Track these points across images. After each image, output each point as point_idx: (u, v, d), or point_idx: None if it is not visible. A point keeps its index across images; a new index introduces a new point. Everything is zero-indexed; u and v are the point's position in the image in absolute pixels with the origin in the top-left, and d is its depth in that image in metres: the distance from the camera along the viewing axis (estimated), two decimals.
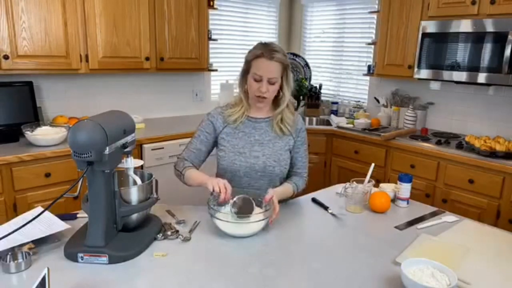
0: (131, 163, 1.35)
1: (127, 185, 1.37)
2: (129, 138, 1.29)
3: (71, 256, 1.19)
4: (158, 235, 1.33)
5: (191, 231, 1.39)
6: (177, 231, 1.37)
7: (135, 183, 1.34)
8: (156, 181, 1.39)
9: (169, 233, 1.34)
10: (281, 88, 1.62)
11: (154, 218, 1.43)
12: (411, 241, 1.36)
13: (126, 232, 1.29)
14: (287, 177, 1.74)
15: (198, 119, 1.83)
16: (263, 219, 1.35)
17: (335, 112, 3.92)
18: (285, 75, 1.60)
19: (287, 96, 1.63)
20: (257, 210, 1.42)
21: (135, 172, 1.38)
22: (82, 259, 1.18)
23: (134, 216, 1.31)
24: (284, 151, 1.67)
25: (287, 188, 1.66)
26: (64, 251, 1.20)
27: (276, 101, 1.67)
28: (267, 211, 1.38)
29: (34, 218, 1.11)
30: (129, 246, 1.23)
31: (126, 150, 1.30)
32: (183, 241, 1.32)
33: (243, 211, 1.39)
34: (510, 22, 2.40)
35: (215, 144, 1.72)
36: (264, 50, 1.55)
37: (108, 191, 1.22)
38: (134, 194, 1.30)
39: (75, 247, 1.20)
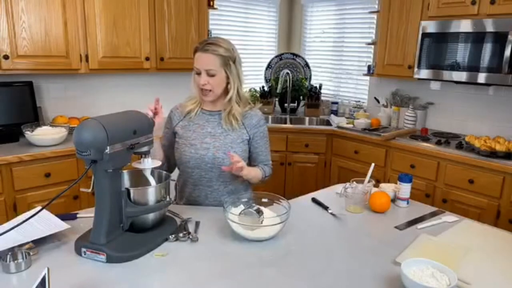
0: (147, 163, 1.35)
1: (143, 185, 1.37)
2: (141, 139, 1.29)
3: (77, 249, 1.22)
4: (171, 236, 1.32)
5: (195, 232, 1.39)
6: (189, 232, 1.36)
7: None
8: (175, 184, 1.38)
9: (181, 234, 1.33)
10: (228, 80, 1.65)
11: (170, 219, 1.43)
12: (411, 241, 1.36)
13: (135, 232, 1.29)
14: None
15: None
16: (280, 223, 1.34)
17: (335, 112, 3.92)
18: (228, 68, 1.62)
19: (233, 88, 1.65)
20: (271, 214, 1.42)
21: (152, 173, 1.38)
22: (84, 254, 1.20)
23: (147, 217, 1.31)
24: (236, 144, 1.67)
25: (255, 168, 1.70)
26: (75, 243, 1.23)
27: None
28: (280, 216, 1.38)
29: (32, 216, 1.11)
30: (131, 247, 1.23)
31: (141, 150, 1.31)
32: (192, 242, 1.32)
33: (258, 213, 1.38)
34: (510, 22, 2.40)
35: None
36: (200, 44, 1.63)
37: (113, 190, 1.22)
38: (144, 195, 1.30)
39: (82, 241, 1.23)
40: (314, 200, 1.73)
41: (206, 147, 1.66)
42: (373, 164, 1.71)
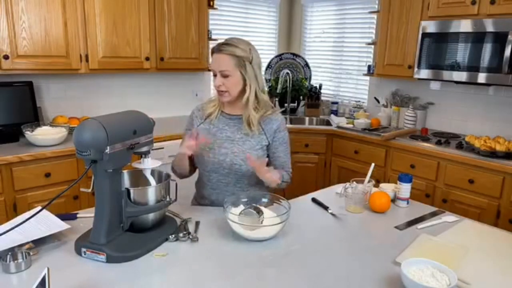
0: (148, 163, 1.35)
1: (143, 185, 1.37)
2: (142, 139, 1.29)
3: (77, 249, 1.22)
4: (171, 236, 1.32)
5: (195, 232, 1.39)
6: (189, 232, 1.36)
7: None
8: (176, 184, 1.38)
9: (181, 234, 1.33)
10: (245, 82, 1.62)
11: (170, 219, 1.43)
12: (411, 241, 1.36)
13: (135, 232, 1.29)
14: None
15: None
16: (280, 222, 1.34)
17: (335, 112, 3.92)
18: (243, 69, 1.59)
19: (250, 90, 1.62)
20: (271, 214, 1.42)
21: (152, 173, 1.38)
22: (85, 254, 1.20)
23: (147, 217, 1.30)
24: (255, 150, 1.66)
25: (275, 170, 1.64)
26: (75, 243, 1.24)
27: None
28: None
29: (32, 216, 1.11)
30: (131, 247, 1.23)
31: (141, 150, 1.31)
32: (192, 241, 1.32)
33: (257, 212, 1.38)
34: (510, 22, 2.40)
35: None
36: (216, 45, 1.62)
37: (113, 190, 1.22)
38: (144, 195, 1.30)
39: (82, 241, 1.23)
40: (314, 200, 1.73)
41: (224, 152, 1.64)
42: (373, 164, 1.71)
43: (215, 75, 1.61)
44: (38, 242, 1.24)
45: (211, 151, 1.66)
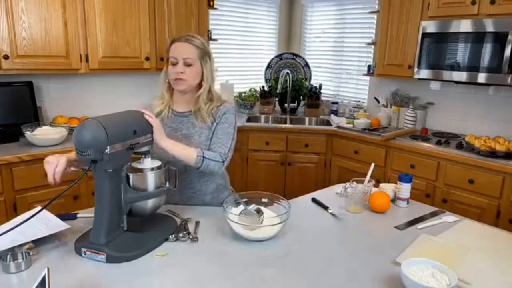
0: (147, 163, 1.35)
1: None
2: (141, 139, 1.30)
3: (77, 249, 1.22)
4: (171, 236, 1.32)
5: (195, 232, 1.39)
6: (189, 232, 1.36)
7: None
8: (175, 172, 1.37)
9: (181, 234, 1.33)
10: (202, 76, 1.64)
11: (170, 219, 1.44)
12: (411, 241, 1.36)
13: (135, 232, 1.29)
14: None
15: None
16: (280, 222, 1.34)
17: (335, 112, 3.92)
18: (204, 62, 1.62)
19: (206, 83, 1.64)
20: (271, 214, 1.42)
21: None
22: (84, 254, 1.20)
23: (146, 204, 1.30)
24: (210, 139, 1.64)
25: (189, 147, 1.53)
26: (74, 243, 1.24)
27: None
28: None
29: (32, 216, 1.11)
30: (131, 247, 1.23)
31: (141, 150, 1.31)
32: (192, 241, 1.32)
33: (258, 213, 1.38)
34: (510, 22, 2.40)
35: None
36: (177, 37, 1.64)
37: (113, 190, 1.22)
38: (144, 181, 1.29)
39: (82, 241, 1.23)
40: (314, 200, 1.73)
41: None
42: (373, 164, 1.71)
43: (174, 64, 1.60)
44: (38, 242, 1.24)
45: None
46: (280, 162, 3.40)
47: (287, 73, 3.83)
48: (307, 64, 4.15)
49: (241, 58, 4.11)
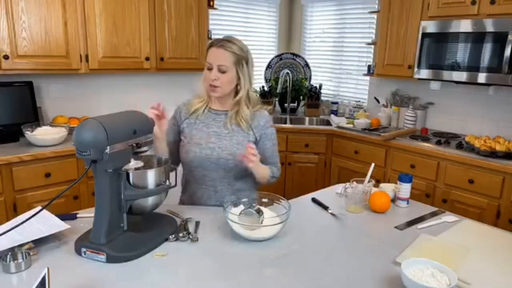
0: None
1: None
2: (141, 139, 1.29)
3: (77, 249, 1.21)
4: (171, 236, 1.32)
5: (195, 232, 1.39)
6: (189, 232, 1.36)
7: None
8: (174, 169, 1.38)
9: (181, 234, 1.33)
10: (238, 81, 1.64)
11: (170, 219, 1.43)
12: (411, 241, 1.36)
13: (135, 232, 1.29)
14: None
15: None
16: (280, 222, 1.34)
17: (335, 112, 3.92)
18: (240, 68, 1.62)
19: (243, 89, 1.65)
20: (271, 214, 1.42)
21: (152, 158, 1.41)
22: (84, 254, 1.20)
23: (146, 201, 1.30)
24: (242, 145, 1.65)
25: (264, 166, 1.67)
26: (74, 243, 1.24)
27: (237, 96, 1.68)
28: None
29: (32, 216, 1.11)
30: (131, 247, 1.23)
31: (141, 150, 1.31)
32: (192, 242, 1.32)
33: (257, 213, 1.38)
34: (510, 22, 2.40)
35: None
36: (215, 40, 1.63)
37: (113, 190, 1.22)
38: (144, 179, 1.29)
39: (82, 241, 1.23)
40: (314, 200, 1.73)
41: (211, 147, 1.65)
42: (373, 164, 1.71)
43: (209, 69, 1.61)
44: (38, 242, 1.24)
45: (198, 146, 1.65)
46: (280, 162, 3.40)
47: (287, 73, 3.83)
48: (307, 64, 4.15)
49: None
